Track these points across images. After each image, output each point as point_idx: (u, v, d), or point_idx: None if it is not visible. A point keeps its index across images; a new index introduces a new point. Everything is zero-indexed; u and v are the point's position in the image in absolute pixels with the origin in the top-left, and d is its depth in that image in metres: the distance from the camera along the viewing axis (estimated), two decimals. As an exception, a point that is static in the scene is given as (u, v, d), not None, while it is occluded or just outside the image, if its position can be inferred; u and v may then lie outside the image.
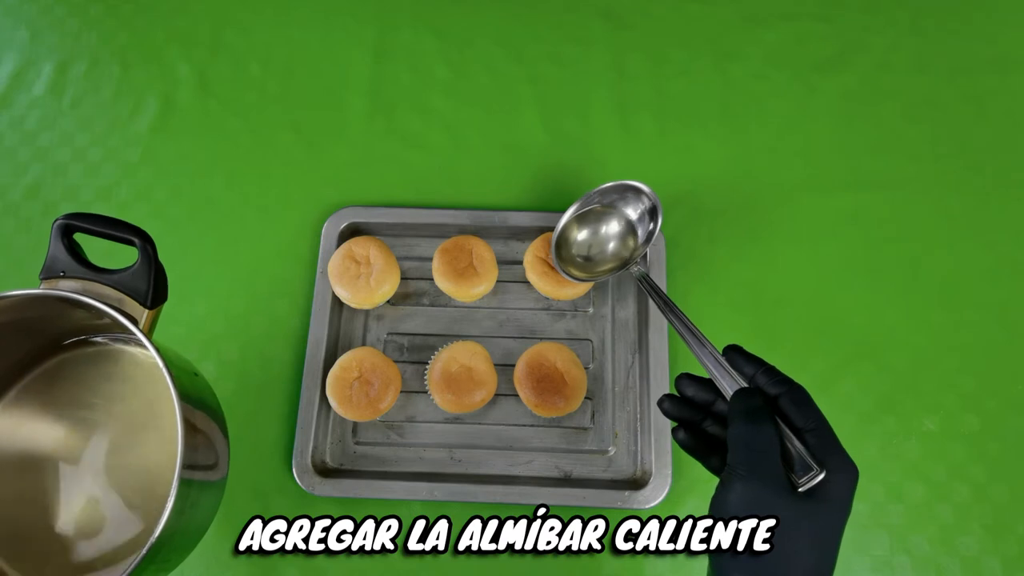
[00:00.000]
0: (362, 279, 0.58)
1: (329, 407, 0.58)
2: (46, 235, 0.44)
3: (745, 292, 0.63)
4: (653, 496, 0.55)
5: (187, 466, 0.40)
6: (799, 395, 0.38)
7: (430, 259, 0.62)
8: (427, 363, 0.60)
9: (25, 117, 0.70)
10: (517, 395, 0.58)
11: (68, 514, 0.48)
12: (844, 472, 0.36)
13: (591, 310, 0.62)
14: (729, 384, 0.40)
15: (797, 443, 0.37)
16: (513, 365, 0.58)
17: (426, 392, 0.59)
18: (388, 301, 0.62)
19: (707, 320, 0.61)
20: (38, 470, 0.49)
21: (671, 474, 0.55)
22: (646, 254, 0.59)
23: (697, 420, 0.43)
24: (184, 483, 0.40)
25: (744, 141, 0.68)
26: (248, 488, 0.58)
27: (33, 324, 0.48)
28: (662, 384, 0.57)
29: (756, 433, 0.37)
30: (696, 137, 0.68)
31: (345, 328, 0.62)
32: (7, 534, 0.48)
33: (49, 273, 0.44)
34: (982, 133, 0.68)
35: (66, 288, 0.43)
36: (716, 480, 0.39)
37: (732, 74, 0.71)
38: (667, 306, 0.48)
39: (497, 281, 0.61)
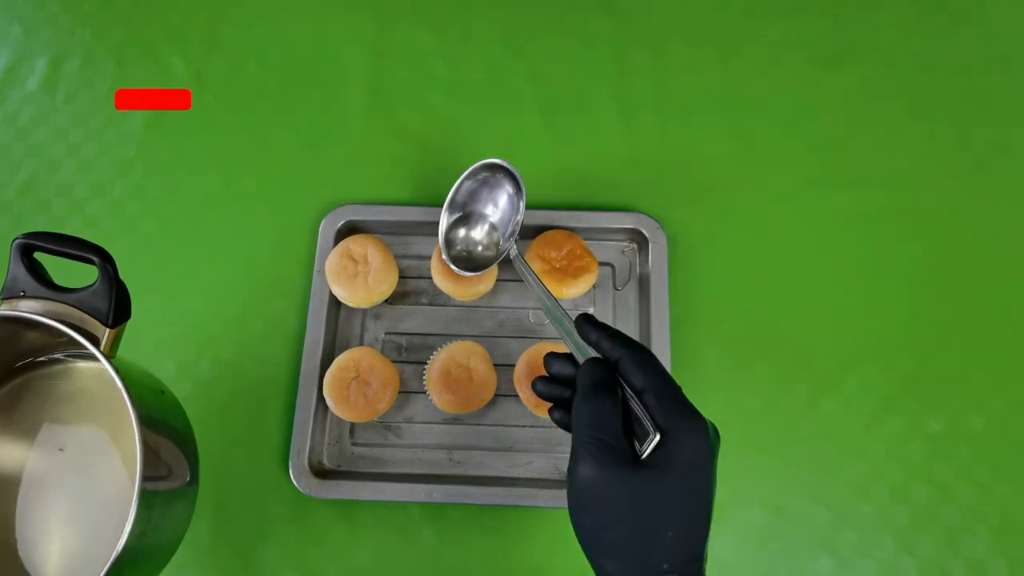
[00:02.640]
0: (360, 278, 0.58)
1: (326, 408, 0.57)
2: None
3: (747, 290, 0.62)
4: (655, 498, 0.54)
5: (148, 483, 0.39)
6: (638, 357, 0.36)
7: (428, 257, 0.62)
8: (426, 363, 0.59)
9: (18, 113, 0.69)
10: (517, 395, 0.57)
11: (32, 536, 0.47)
12: (686, 431, 0.34)
13: (592, 310, 0.61)
14: (580, 356, 0.39)
15: (638, 408, 0.35)
16: (513, 365, 0.58)
17: (424, 392, 0.58)
18: (386, 300, 0.61)
19: (708, 318, 0.61)
20: (1, 491, 0.47)
21: (673, 476, 0.55)
22: (519, 223, 0.56)
23: (567, 397, 0.41)
24: (145, 503, 0.38)
25: (746, 138, 0.67)
26: (244, 491, 0.57)
27: None
28: (664, 384, 0.57)
29: (590, 408, 0.35)
30: (698, 134, 0.68)
31: (342, 328, 0.61)
32: None
33: (10, 293, 0.43)
34: (986, 131, 0.67)
35: (26, 308, 0.42)
36: None
37: (734, 70, 0.70)
38: (535, 282, 0.48)
39: (497, 280, 0.60)
